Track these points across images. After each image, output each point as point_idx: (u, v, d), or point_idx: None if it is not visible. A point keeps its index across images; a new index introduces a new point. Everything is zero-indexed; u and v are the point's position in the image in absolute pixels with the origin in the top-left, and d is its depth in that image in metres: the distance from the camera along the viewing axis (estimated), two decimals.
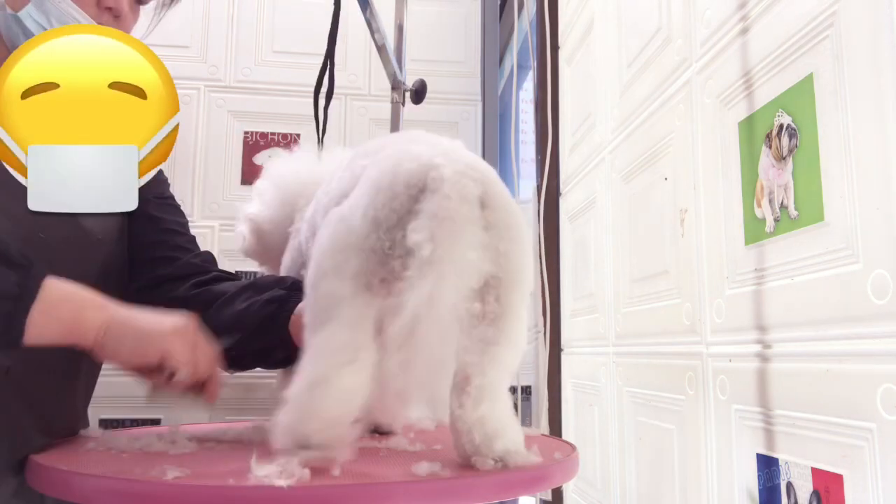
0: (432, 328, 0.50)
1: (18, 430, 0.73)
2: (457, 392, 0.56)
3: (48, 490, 0.58)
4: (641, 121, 1.00)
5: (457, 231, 0.52)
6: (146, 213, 0.91)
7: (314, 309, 0.58)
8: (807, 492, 0.60)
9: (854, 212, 0.55)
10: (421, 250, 0.51)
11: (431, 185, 0.54)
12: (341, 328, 0.55)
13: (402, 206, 0.55)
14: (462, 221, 0.53)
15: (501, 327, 0.56)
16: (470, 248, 0.53)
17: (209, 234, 1.51)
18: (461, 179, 0.54)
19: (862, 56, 0.55)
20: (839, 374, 0.57)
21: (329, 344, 0.55)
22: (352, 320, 0.55)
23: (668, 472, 0.89)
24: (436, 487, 0.52)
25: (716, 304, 0.77)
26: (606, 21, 1.17)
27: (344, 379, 0.54)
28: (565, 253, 1.40)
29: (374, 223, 0.56)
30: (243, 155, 1.57)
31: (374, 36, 1.19)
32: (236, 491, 0.48)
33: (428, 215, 0.53)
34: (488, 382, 0.56)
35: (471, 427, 0.56)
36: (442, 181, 0.54)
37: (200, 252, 0.96)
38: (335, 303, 0.56)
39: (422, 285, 0.50)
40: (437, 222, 0.52)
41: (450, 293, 0.51)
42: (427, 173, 0.55)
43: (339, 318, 0.55)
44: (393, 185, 0.56)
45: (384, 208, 0.56)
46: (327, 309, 0.57)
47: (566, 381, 1.37)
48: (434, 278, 0.50)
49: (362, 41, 1.60)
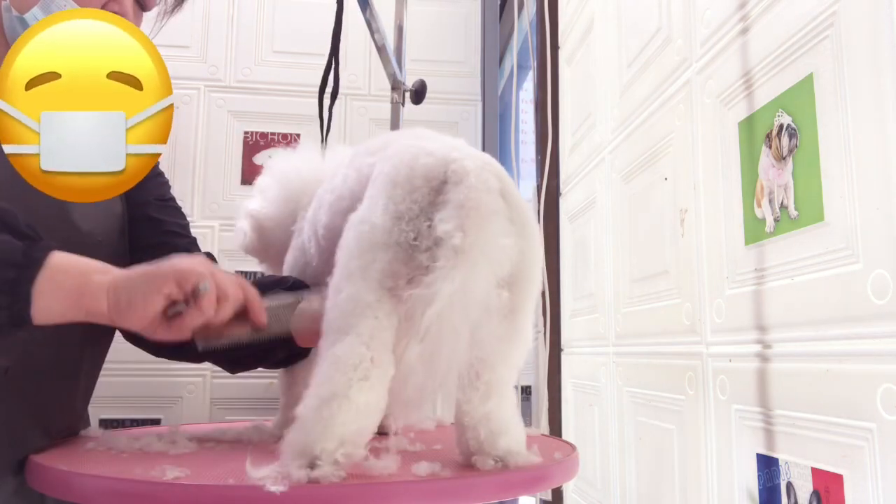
0: (463, 317, 0.50)
1: (18, 430, 0.73)
2: (465, 387, 0.56)
3: (48, 490, 0.58)
4: (641, 121, 1.00)
5: (485, 220, 0.53)
6: (147, 214, 0.91)
7: (335, 314, 0.57)
8: (807, 492, 0.60)
9: (854, 212, 0.55)
10: (452, 239, 0.51)
11: (454, 178, 0.55)
12: (359, 342, 0.54)
13: (423, 198, 0.56)
14: (489, 211, 0.53)
15: (512, 324, 0.57)
16: (500, 235, 0.53)
17: (209, 234, 1.51)
18: (482, 172, 0.55)
19: (862, 56, 0.55)
20: (839, 374, 0.57)
21: (346, 359, 0.54)
22: (371, 334, 0.55)
23: (668, 472, 0.89)
24: (436, 487, 0.52)
25: (716, 304, 0.77)
26: (606, 21, 1.17)
27: (360, 396, 0.53)
28: (565, 253, 1.40)
29: (396, 216, 0.56)
30: (243, 155, 1.57)
31: (374, 36, 1.19)
32: (236, 491, 0.48)
33: (455, 205, 0.53)
34: (497, 378, 0.56)
35: (477, 423, 0.56)
36: (466, 173, 0.55)
37: (200, 254, 0.96)
38: (358, 310, 0.55)
39: (454, 275, 0.50)
40: (465, 211, 0.53)
41: (482, 282, 0.51)
42: (447, 166, 0.56)
43: (358, 332, 0.55)
44: (411, 179, 0.57)
45: (404, 201, 0.56)
46: (348, 316, 0.56)
47: (566, 381, 1.37)
48: (467, 267, 0.50)
49: (362, 41, 1.60)
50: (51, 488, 0.58)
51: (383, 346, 0.55)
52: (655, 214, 0.95)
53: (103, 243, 0.83)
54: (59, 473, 0.56)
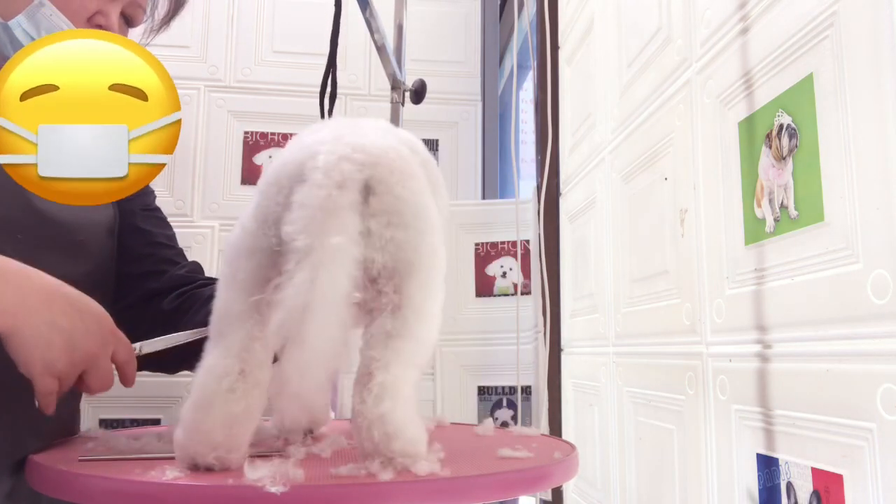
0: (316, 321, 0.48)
1: (10, 430, 0.73)
2: (359, 387, 0.54)
3: (48, 490, 0.58)
4: (641, 121, 1.00)
5: (326, 218, 0.50)
6: (133, 224, 0.91)
7: (213, 320, 0.57)
8: (807, 492, 0.60)
9: (854, 212, 0.55)
10: (295, 242, 0.49)
11: (306, 175, 0.52)
12: (228, 354, 0.54)
13: (285, 199, 0.53)
14: (332, 208, 0.50)
15: (402, 320, 0.54)
16: (339, 233, 0.50)
17: (209, 234, 1.51)
18: (338, 165, 0.52)
19: (862, 56, 0.55)
20: (839, 374, 0.57)
21: (214, 369, 0.54)
22: (241, 345, 0.54)
23: (668, 472, 0.89)
24: (435, 487, 0.51)
25: (716, 304, 0.77)
26: (606, 21, 1.17)
27: (226, 406, 0.53)
28: (565, 253, 1.40)
29: (263, 220, 0.55)
30: (243, 155, 1.57)
31: (374, 36, 1.19)
32: (235, 491, 0.48)
33: (298, 205, 0.51)
34: (391, 379, 0.54)
35: (371, 424, 0.53)
36: (315, 169, 0.52)
37: (187, 263, 0.96)
38: (227, 320, 0.55)
39: (299, 277, 0.48)
40: (307, 211, 0.50)
41: (327, 282, 0.48)
42: (305, 163, 0.53)
43: (228, 343, 0.54)
44: (279, 179, 0.55)
45: (270, 203, 0.54)
46: (220, 324, 0.56)
47: (566, 381, 1.37)
48: (310, 268, 0.48)
49: (362, 41, 1.60)
50: (50, 488, 0.57)
51: (254, 355, 0.54)
52: (655, 214, 0.95)
53: (85, 243, 0.82)
54: (59, 473, 0.56)
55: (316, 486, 0.49)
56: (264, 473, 0.49)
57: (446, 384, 1.52)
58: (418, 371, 0.56)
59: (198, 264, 0.97)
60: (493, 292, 1.53)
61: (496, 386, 1.51)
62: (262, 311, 0.54)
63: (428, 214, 0.57)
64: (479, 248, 1.54)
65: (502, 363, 1.50)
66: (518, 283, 1.50)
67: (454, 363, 1.52)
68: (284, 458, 0.57)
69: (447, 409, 1.50)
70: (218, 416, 0.53)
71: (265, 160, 1.57)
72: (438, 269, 0.58)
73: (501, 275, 1.53)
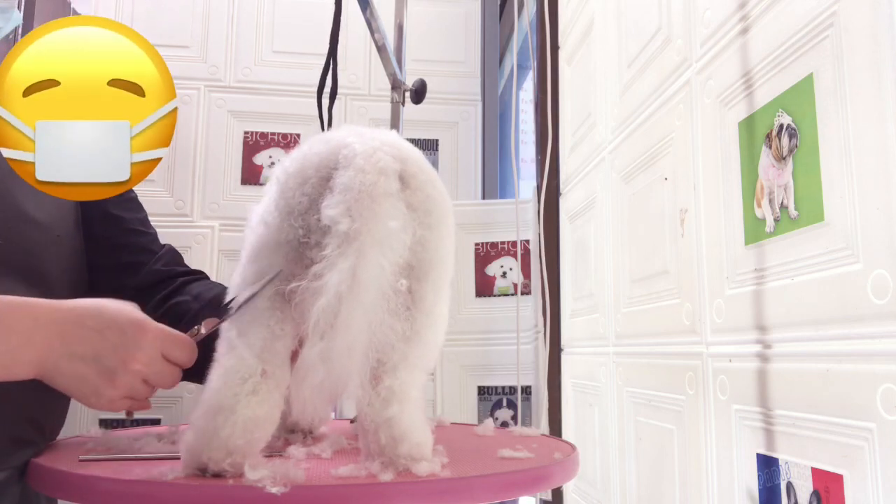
0: (356, 309, 0.47)
1: (13, 433, 0.72)
2: (367, 390, 0.53)
3: (48, 490, 0.58)
4: (641, 121, 1.00)
5: (375, 201, 0.49)
6: (104, 210, 0.86)
7: (230, 320, 0.56)
8: (807, 492, 0.60)
9: (854, 212, 0.55)
10: (338, 225, 0.48)
11: (343, 162, 0.52)
12: (250, 354, 0.52)
13: (314, 189, 0.52)
14: (379, 193, 0.50)
15: (411, 321, 0.54)
16: (390, 218, 0.49)
17: (209, 234, 1.51)
18: (375, 153, 0.52)
19: (862, 56, 0.55)
20: (839, 374, 0.57)
21: (235, 371, 0.52)
22: (263, 345, 0.53)
23: (668, 472, 0.89)
24: (435, 487, 0.52)
25: (716, 304, 0.77)
26: (606, 21, 1.17)
27: (247, 411, 0.51)
28: (565, 253, 1.40)
29: (287, 211, 0.54)
30: (243, 155, 1.57)
31: (374, 36, 1.19)
32: (235, 491, 0.48)
33: (342, 189, 0.50)
34: (399, 384, 0.53)
35: (378, 427, 0.53)
36: (354, 155, 0.51)
37: (163, 253, 0.91)
38: (249, 318, 0.54)
39: (342, 262, 0.47)
40: (352, 195, 0.49)
41: (373, 269, 0.48)
42: (338, 152, 0.52)
43: (249, 342, 0.53)
44: (303, 170, 0.54)
45: (295, 193, 0.53)
46: (241, 323, 0.54)
47: (566, 381, 1.37)
48: (355, 254, 0.47)
49: (362, 41, 1.60)
50: (51, 488, 0.57)
51: (276, 356, 0.53)
52: (655, 214, 0.95)
53: (63, 238, 0.80)
54: (59, 473, 0.56)
55: (316, 486, 0.49)
56: (264, 474, 0.49)
57: (446, 384, 1.52)
58: (425, 374, 0.56)
59: (173, 252, 0.92)
60: (493, 292, 1.53)
61: (496, 386, 1.51)
62: (284, 308, 0.53)
63: (451, 219, 0.57)
64: (479, 248, 1.54)
65: (502, 363, 1.50)
66: (518, 283, 1.50)
67: (454, 363, 1.52)
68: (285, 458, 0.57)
69: (447, 409, 1.50)
70: (239, 421, 0.51)
71: (265, 160, 1.57)
72: (449, 274, 0.58)
73: (501, 275, 1.53)
